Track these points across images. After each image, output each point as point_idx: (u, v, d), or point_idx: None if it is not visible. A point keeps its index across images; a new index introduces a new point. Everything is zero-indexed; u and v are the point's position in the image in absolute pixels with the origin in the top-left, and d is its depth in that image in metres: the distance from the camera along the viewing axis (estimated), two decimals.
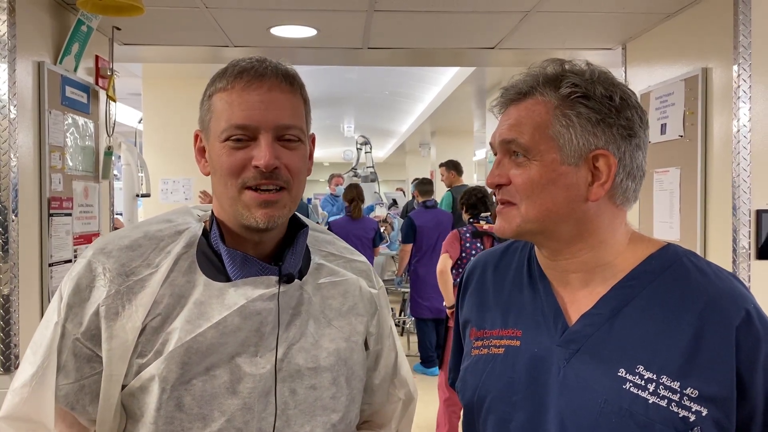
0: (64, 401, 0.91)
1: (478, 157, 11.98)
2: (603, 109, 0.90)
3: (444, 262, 3.83)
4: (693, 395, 0.83)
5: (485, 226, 3.89)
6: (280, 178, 0.94)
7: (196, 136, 1.03)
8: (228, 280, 0.96)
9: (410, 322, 6.34)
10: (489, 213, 3.93)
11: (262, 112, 0.93)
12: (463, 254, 3.85)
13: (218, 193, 0.98)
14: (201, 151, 1.02)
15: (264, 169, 0.92)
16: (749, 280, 2.30)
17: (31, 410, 0.92)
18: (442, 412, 3.80)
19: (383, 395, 1.16)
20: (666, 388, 0.84)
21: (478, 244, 3.86)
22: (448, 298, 3.84)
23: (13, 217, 2.19)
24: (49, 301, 2.37)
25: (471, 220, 3.97)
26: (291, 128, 0.95)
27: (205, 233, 1.01)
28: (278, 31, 3.14)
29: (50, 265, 2.42)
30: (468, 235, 3.87)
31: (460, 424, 1.12)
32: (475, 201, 3.95)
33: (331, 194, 8.41)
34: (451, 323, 3.87)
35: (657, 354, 0.86)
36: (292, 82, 0.97)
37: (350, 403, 1.02)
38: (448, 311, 3.89)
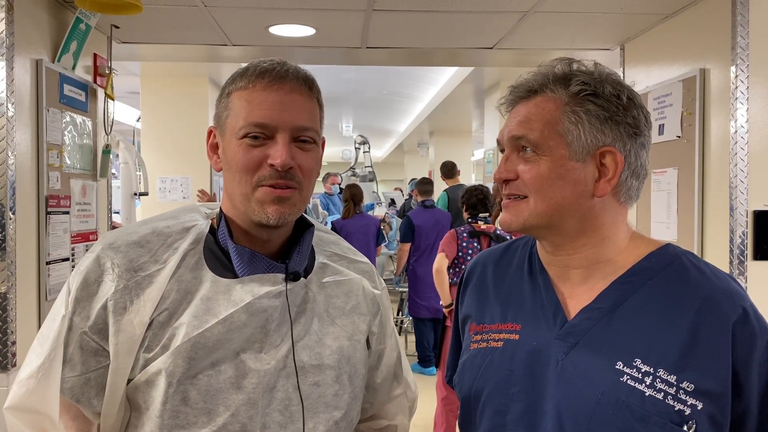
0: (70, 394, 0.92)
1: (476, 157, 11.99)
2: (611, 107, 0.92)
3: (440, 261, 3.84)
4: (689, 389, 0.85)
5: (483, 226, 3.90)
6: (293, 178, 0.96)
7: (210, 133, 1.04)
8: (234, 276, 0.97)
9: (408, 322, 6.35)
10: (488, 214, 3.95)
11: (281, 112, 0.95)
12: (460, 254, 3.86)
13: (230, 189, 0.99)
14: (214, 148, 1.03)
15: (280, 168, 0.94)
16: (746, 281, 2.31)
17: (36, 401, 0.92)
18: (440, 411, 3.81)
19: (385, 394, 1.17)
20: (663, 381, 0.86)
21: (475, 244, 3.87)
22: (444, 297, 3.86)
23: (11, 215, 2.19)
24: (47, 300, 2.39)
25: (470, 219, 3.98)
26: (307, 130, 0.98)
27: (212, 231, 1.02)
28: (277, 30, 3.14)
29: (48, 263, 2.42)
30: (465, 234, 3.88)
31: (457, 423, 1.13)
32: (475, 201, 3.97)
33: (326, 193, 8.41)
34: (448, 323, 3.91)
35: (654, 348, 0.88)
36: (311, 87, 1.00)
37: (352, 401, 1.04)
38: (444, 310, 3.91)
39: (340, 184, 8.17)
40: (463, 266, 3.84)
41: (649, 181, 2.87)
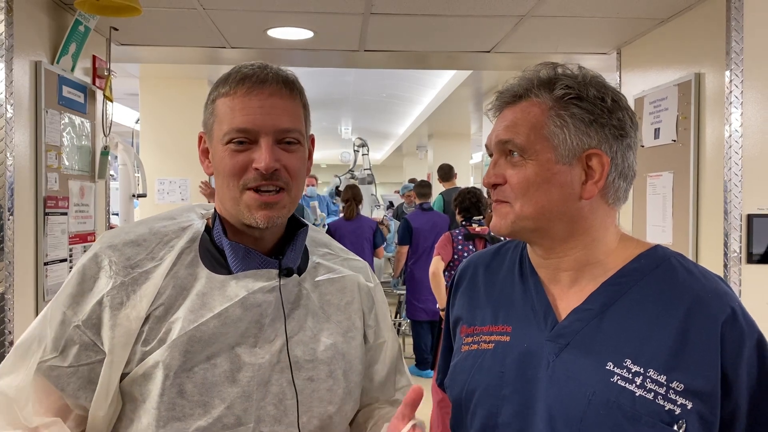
0: (56, 381, 0.94)
1: (474, 160, 12.01)
2: (596, 110, 0.93)
3: (436, 265, 3.85)
4: (679, 389, 0.86)
5: (477, 229, 3.91)
6: (280, 180, 0.98)
7: (200, 138, 1.07)
8: (229, 273, 1.00)
9: (406, 325, 6.35)
10: (481, 216, 3.96)
11: (263, 116, 0.97)
12: (455, 256, 3.87)
13: (220, 192, 1.02)
14: (205, 152, 1.07)
15: (264, 171, 0.96)
16: (740, 284, 2.32)
17: (6, 384, 0.94)
18: (436, 414, 3.81)
19: (390, 388, 1.19)
20: (653, 381, 0.86)
21: (470, 247, 3.88)
22: (441, 299, 3.87)
23: (9, 215, 2.20)
24: (44, 300, 2.40)
25: (464, 222, 3.99)
26: (290, 131, 1.00)
27: (208, 230, 1.04)
28: (275, 33, 3.16)
29: (45, 263, 2.43)
30: (460, 237, 3.90)
31: (449, 425, 1.14)
32: (468, 205, 3.98)
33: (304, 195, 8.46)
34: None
35: (644, 348, 0.88)
36: (291, 88, 1.02)
37: (346, 396, 1.05)
38: (441, 313, 3.92)
39: (339, 187, 8.17)
40: None
41: (645, 184, 2.88)
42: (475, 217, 3.95)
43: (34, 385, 0.93)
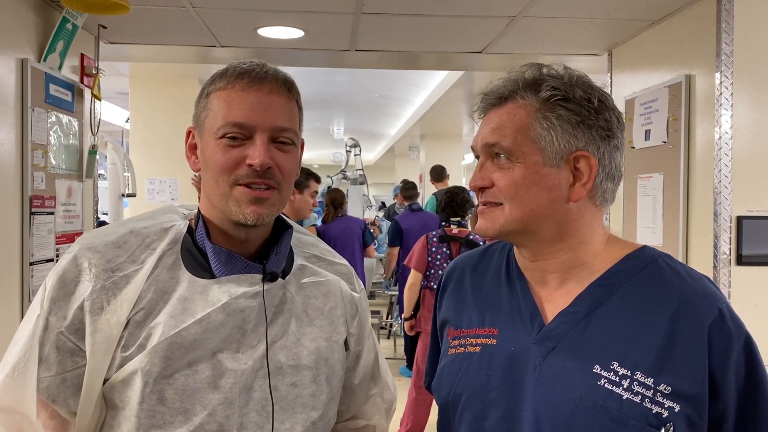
0: (46, 393, 0.92)
1: (467, 161, 12.02)
2: (582, 111, 0.92)
3: (414, 277, 3.88)
4: (666, 391, 0.85)
5: (455, 231, 3.90)
6: (272, 178, 0.96)
7: (189, 133, 1.04)
8: (212, 277, 0.97)
9: (397, 325, 6.35)
10: (459, 218, 3.93)
11: (260, 113, 0.95)
12: (429, 258, 3.87)
13: (208, 189, 0.99)
14: (192, 148, 1.04)
15: (258, 168, 0.94)
16: (729, 286, 2.32)
17: (12, 401, 0.92)
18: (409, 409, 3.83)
19: (362, 395, 1.17)
20: (640, 384, 0.86)
21: (444, 249, 3.86)
22: (408, 310, 3.91)
23: None
24: (30, 301, 2.37)
25: (443, 222, 3.99)
26: (286, 131, 0.98)
27: (190, 231, 1.02)
28: (265, 32, 3.14)
29: (31, 263, 2.40)
30: (435, 239, 3.89)
31: (436, 428, 1.13)
32: (452, 204, 3.96)
33: None
34: (412, 332, 3.94)
35: (632, 351, 0.88)
36: (290, 89, 1.00)
37: (329, 402, 1.04)
38: (406, 323, 3.95)
39: (331, 188, 8.12)
40: (432, 271, 3.86)
41: (635, 186, 2.89)
42: (453, 219, 3.93)
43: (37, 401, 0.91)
